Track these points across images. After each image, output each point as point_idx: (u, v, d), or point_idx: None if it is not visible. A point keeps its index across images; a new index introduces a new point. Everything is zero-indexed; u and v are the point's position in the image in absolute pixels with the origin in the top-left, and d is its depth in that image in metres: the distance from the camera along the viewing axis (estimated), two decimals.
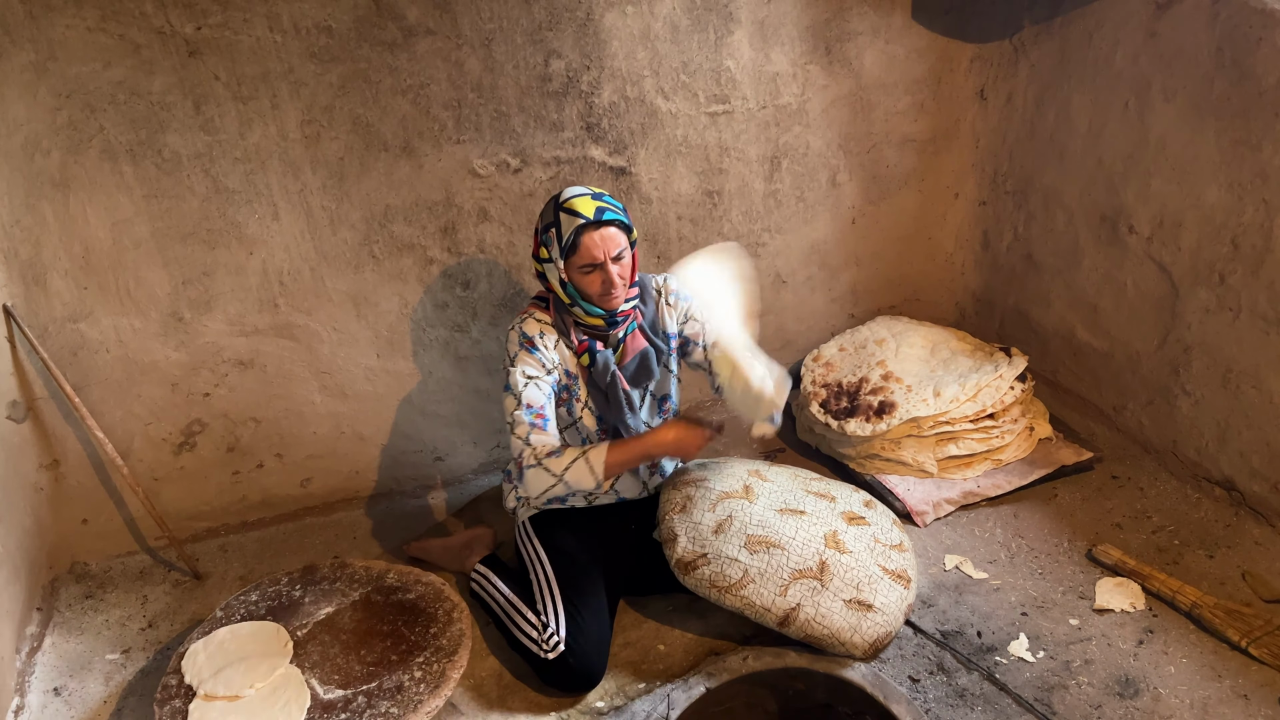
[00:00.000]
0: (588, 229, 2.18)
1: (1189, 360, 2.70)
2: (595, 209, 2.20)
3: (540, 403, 2.23)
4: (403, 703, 1.96)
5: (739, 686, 2.20)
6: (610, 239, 2.21)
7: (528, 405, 2.21)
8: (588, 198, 2.22)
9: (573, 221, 2.19)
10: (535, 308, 2.36)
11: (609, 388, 2.35)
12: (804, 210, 3.23)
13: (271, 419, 2.85)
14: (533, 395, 2.22)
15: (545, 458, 2.16)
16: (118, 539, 2.83)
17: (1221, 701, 2.06)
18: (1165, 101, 2.60)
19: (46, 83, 2.32)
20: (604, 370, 2.33)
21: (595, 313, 2.29)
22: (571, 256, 2.21)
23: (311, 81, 2.51)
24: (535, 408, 2.21)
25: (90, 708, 2.29)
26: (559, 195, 2.25)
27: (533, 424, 2.20)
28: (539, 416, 2.21)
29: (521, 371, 2.25)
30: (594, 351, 2.32)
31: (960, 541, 2.64)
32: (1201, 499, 2.72)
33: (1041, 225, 3.18)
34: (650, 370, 2.41)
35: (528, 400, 2.22)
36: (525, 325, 2.31)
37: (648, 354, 2.39)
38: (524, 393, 2.22)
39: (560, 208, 2.21)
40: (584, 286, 2.25)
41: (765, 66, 2.95)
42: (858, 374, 3.06)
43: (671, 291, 2.47)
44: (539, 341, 2.28)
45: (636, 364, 2.38)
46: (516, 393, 2.22)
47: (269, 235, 2.63)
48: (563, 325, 2.33)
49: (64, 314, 2.55)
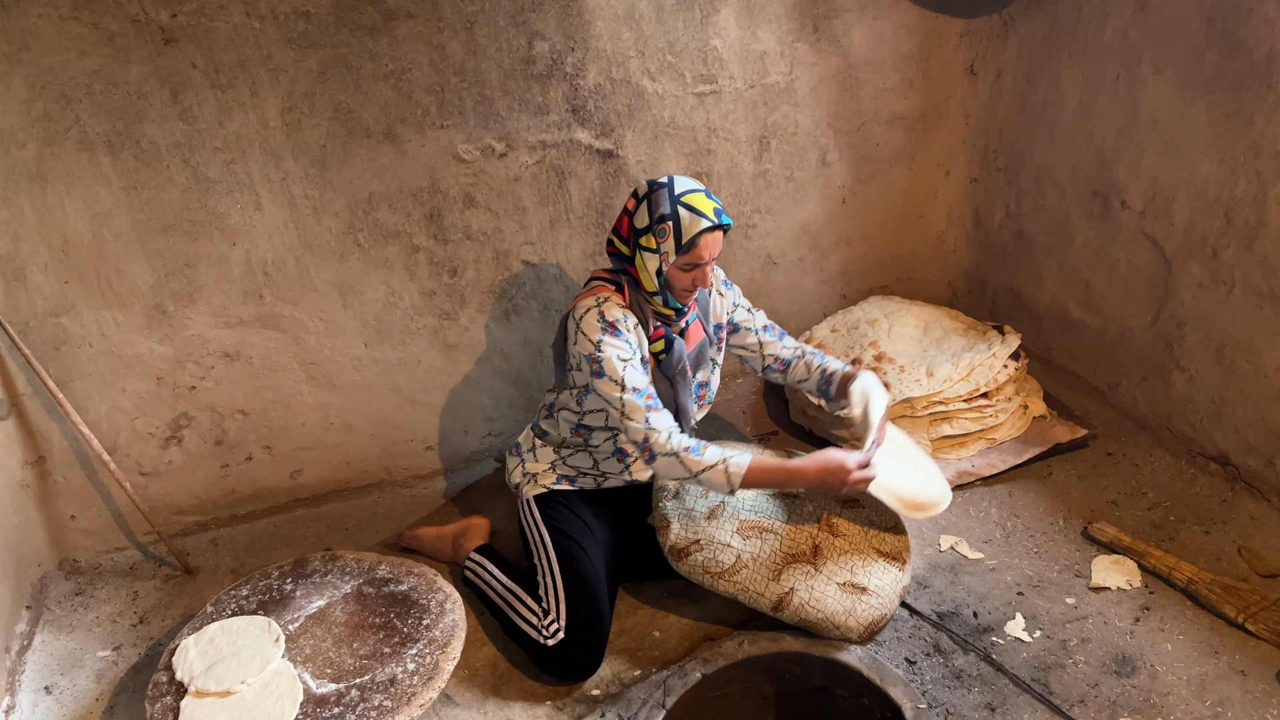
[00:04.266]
0: (708, 232, 2.17)
1: (1183, 336, 2.68)
2: (714, 210, 2.18)
3: (645, 384, 2.18)
4: (396, 695, 1.95)
5: (735, 671, 2.19)
6: (718, 242, 2.21)
7: (634, 388, 2.15)
8: (703, 195, 2.20)
9: (698, 222, 2.15)
10: (607, 289, 2.29)
11: (677, 375, 2.33)
12: (794, 190, 3.20)
13: (259, 411, 2.83)
14: (635, 378, 2.16)
15: (683, 452, 2.11)
16: (107, 535, 2.80)
17: (1219, 678, 2.05)
18: (1156, 75, 2.58)
19: (20, 73, 2.28)
20: (678, 360, 2.32)
21: (674, 305, 2.28)
22: (685, 253, 2.19)
23: (291, 68, 2.47)
24: (642, 390, 2.16)
25: (82, 705, 2.28)
26: (670, 186, 2.20)
27: (649, 406, 2.15)
28: (650, 398, 2.17)
29: (616, 355, 2.17)
30: (670, 339, 2.30)
31: (955, 522, 2.63)
32: (1197, 475, 2.71)
33: (1033, 202, 3.15)
34: (705, 359, 2.44)
35: (632, 383, 2.15)
36: (606, 308, 2.23)
37: (704, 344, 2.42)
38: (625, 376, 2.15)
39: (679, 201, 2.17)
40: (674, 280, 2.24)
41: (752, 45, 2.92)
42: (850, 355, 3.04)
43: (722, 280, 2.51)
44: (622, 325, 2.23)
45: (696, 353, 2.40)
46: (617, 378, 2.15)
47: (251, 225, 2.59)
48: (640, 311, 2.30)
49: (45, 309, 2.51)
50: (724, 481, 2.11)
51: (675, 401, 2.37)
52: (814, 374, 2.52)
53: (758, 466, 2.10)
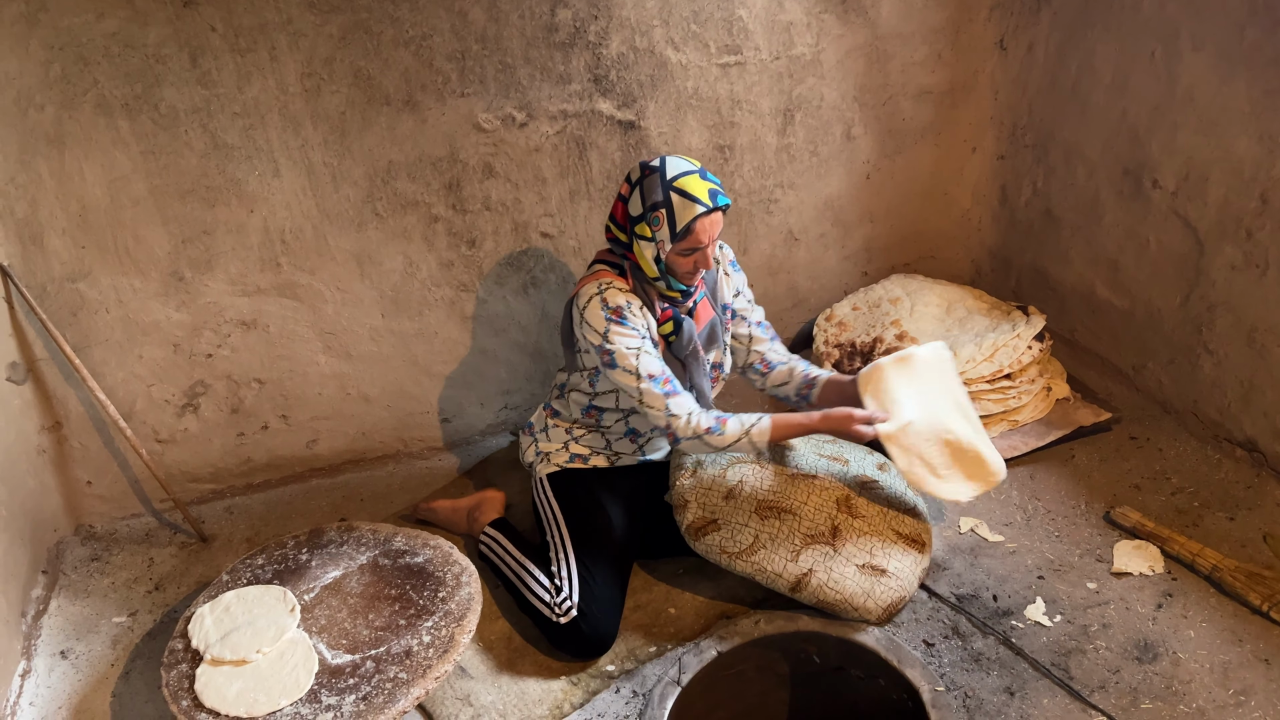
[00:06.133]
0: (703, 217, 2.12)
1: (1213, 318, 2.63)
2: (709, 192, 2.13)
3: (660, 369, 2.19)
4: (411, 667, 1.94)
5: (750, 650, 2.18)
6: (717, 224, 2.17)
7: (649, 375, 2.17)
8: (697, 177, 2.14)
9: (691, 208, 2.11)
10: (609, 274, 2.26)
11: (689, 356, 2.31)
12: (817, 165, 3.15)
13: (276, 380, 2.81)
14: (649, 364, 2.17)
15: (705, 434, 2.17)
16: (122, 501, 2.80)
17: (1242, 665, 2.03)
18: (1194, 50, 2.51)
19: (38, 35, 2.25)
20: (688, 340, 2.29)
21: (679, 288, 2.26)
22: (681, 240, 2.15)
23: (311, 33, 2.43)
24: (659, 376, 2.18)
25: (97, 671, 2.28)
26: (662, 170, 2.15)
27: (667, 393, 2.17)
28: (666, 383, 2.18)
29: (624, 345, 2.17)
30: (679, 320, 2.27)
31: (975, 504, 2.59)
32: (1222, 460, 2.67)
33: (1062, 180, 3.09)
34: (717, 338, 2.40)
35: (648, 371, 2.17)
36: (609, 296, 2.20)
37: (715, 322, 2.38)
38: (639, 364, 2.17)
39: (671, 187, 2.12)
40: (675, 265, 2.21)
41: (779, 15, 2.86)
42: (872, 333, 3.00)
43: (729, 260, 2.48)
44: (627, 311, 2.20)
45: (708, 332, 2.37)
46: (631, 367, 2.16)
47: (269, 192, 2.57)
48: (645, 295, 2.27)
49: (62, 274, 2.50)
50: (750, 448, 2.21)
51: (690, 382, 2.34)
52: (796, 378, 2.46)
53: (779, 424, 2.19)
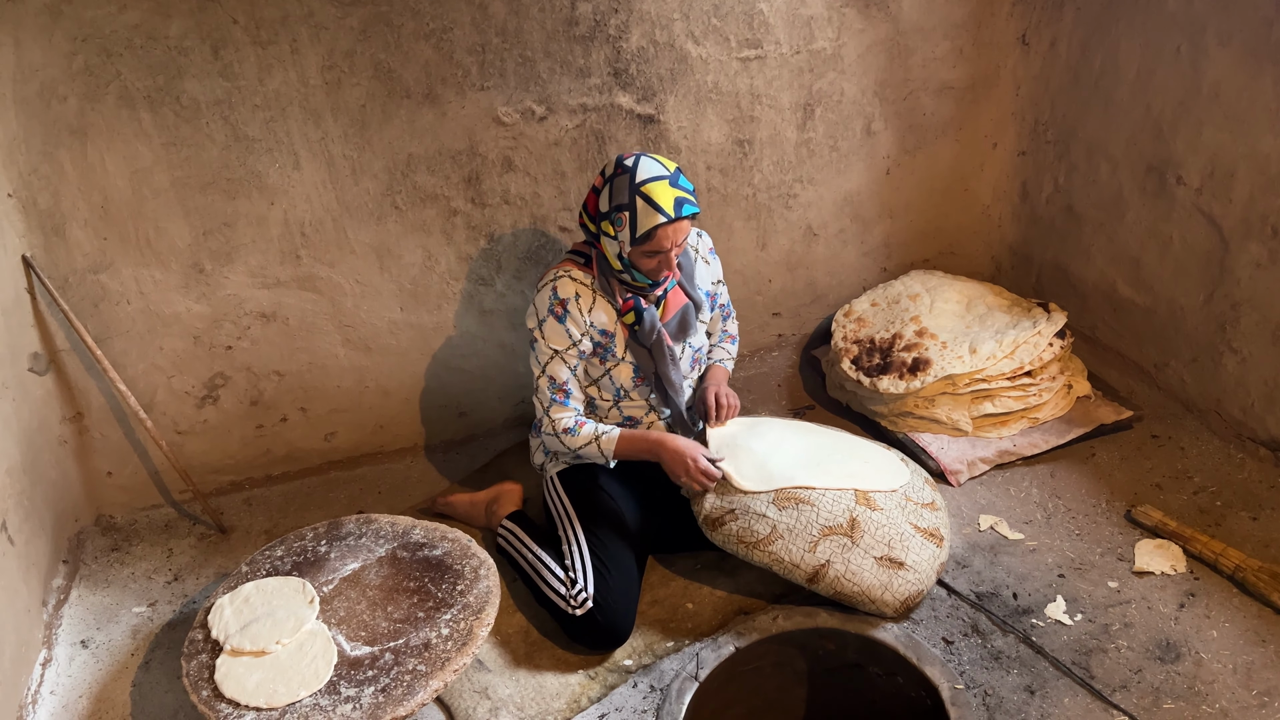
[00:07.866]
0: (665, 225, 2.13)
1: (1237, 316, 2.60)
2: (675, 201, 2.13)
3: (564, 378, 2.32)
4: (430, 660, 1.94)
5: (768, 646, 2.17)
6: (682, 230, 2.17)
7: (551, 378, 2.32)
8: (665, 183, 2.14)
9: (652, 217, 2.11)
10: (572, 264, 2.32)
11: (654, 345, 2.33)
12: (837, 160, 3.14)
13: (295, 372, 2.82)
14: (557, 370, 2.31)
15: (561, 433, 2.33)
16: (143, 492, 2.82)
17: (1265, 666, 2.01)
18: (1220, 46, 2.48)
19: (62, 26, 2.26)
20: (650, 329, 2.31)
21: (644, 281, 2.28)
22: (641, 245, 2.16)
23: (332, 25, 2.43)
24: (559, 382, 2.32)
25: (117, 660, 2.30)
26: (633, 171, 2.15)
27: (554, 400, 2.33)
28: (560, 392, 2.33)
29: (547, 344, 2.28)
30: (640, 310, 2.29)
31: (995, 501, 2.59)
32: (1245, 459, 2.64)
33: (1084, 176, 3.07)
34: (690, 325, 2.41)
35: (551, 373, 2.31)
36: (560, 285, 2.26)
37: (688, 309, 2.39)
38: (549, 366, 2.31)
39: (637, 191, 2.13)
40: (639, 263, 2.23)
41: (800, 9, 2.84)
42: (891, 330, 2.99)
43: (708, 248, 2.51)
44: (571, 306, 2.25)
45: (678, 320, 2.38)
46: (541, 363, 2.32)
47: (290, 185, 2.57)
48: (607, 286, 2.30)
49: (84, 265, 2.51)
50: (599, 455, 2.34)
51: (656, 371, 2.38)
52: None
53: (626, 438, 2.32)
